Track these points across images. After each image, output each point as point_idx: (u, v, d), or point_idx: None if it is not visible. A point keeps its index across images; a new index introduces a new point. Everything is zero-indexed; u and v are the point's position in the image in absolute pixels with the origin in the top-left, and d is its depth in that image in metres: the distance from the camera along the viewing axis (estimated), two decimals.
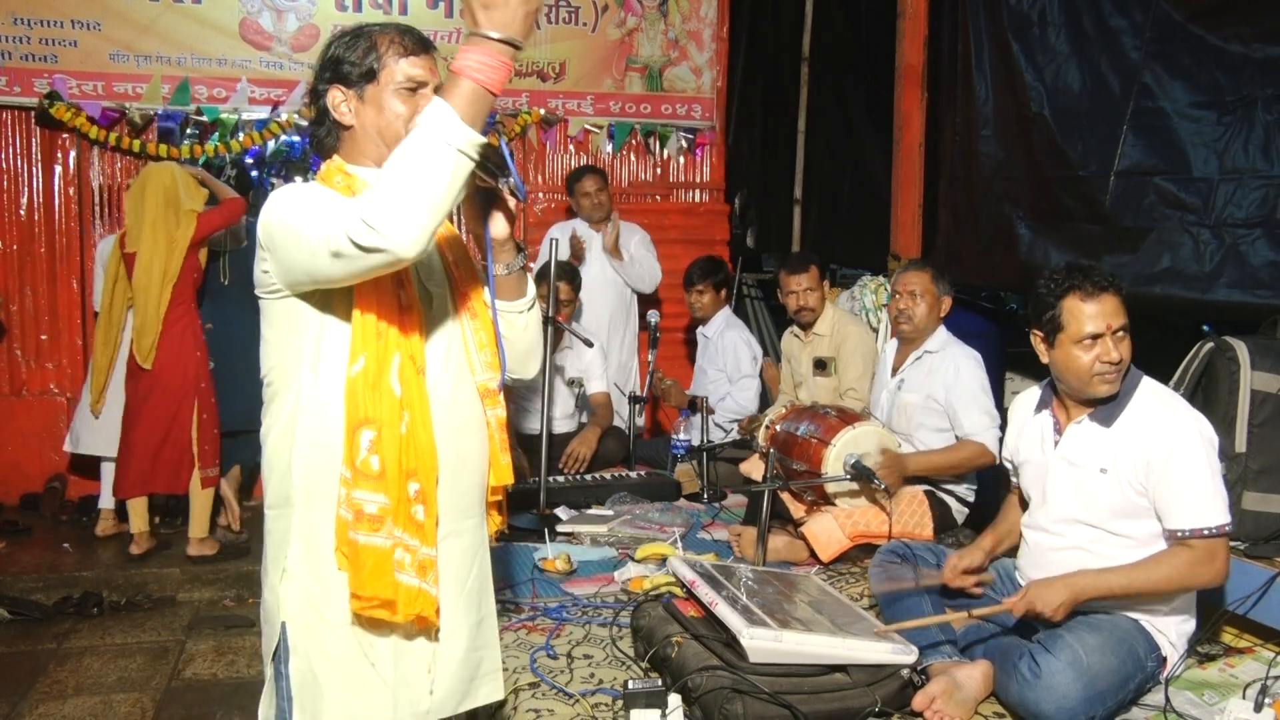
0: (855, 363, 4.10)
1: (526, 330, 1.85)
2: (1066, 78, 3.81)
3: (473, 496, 1.78)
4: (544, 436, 3.47)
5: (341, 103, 1.70)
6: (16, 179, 5.16)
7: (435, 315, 1.73)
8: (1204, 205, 3.25)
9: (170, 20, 5.15)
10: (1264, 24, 3.10)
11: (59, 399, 5.27)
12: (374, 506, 1.59)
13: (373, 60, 1.68)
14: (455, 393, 1.73)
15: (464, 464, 1.74)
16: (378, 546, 1.59)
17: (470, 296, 1.79)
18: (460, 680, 1.75)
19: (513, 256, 1.78)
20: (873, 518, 3.22)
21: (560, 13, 5.62)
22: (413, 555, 1.62)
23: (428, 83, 1.68)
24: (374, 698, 1.65)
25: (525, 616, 2.72)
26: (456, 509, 1.74)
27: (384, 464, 1.60)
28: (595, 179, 4.94)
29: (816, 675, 2.13)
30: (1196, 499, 2.19)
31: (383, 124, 1.68)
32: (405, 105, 1.68)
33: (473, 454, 1.76)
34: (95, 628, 4.02)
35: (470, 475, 1.76)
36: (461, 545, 1.75)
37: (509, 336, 1.82)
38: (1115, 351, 2.23)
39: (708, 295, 4.71)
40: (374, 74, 1.68)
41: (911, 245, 4.67)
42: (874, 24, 5.26)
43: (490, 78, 1.45)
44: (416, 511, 1.63)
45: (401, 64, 1.67)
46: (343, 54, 1.70)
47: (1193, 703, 2.26)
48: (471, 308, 1.79)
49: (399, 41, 1.69)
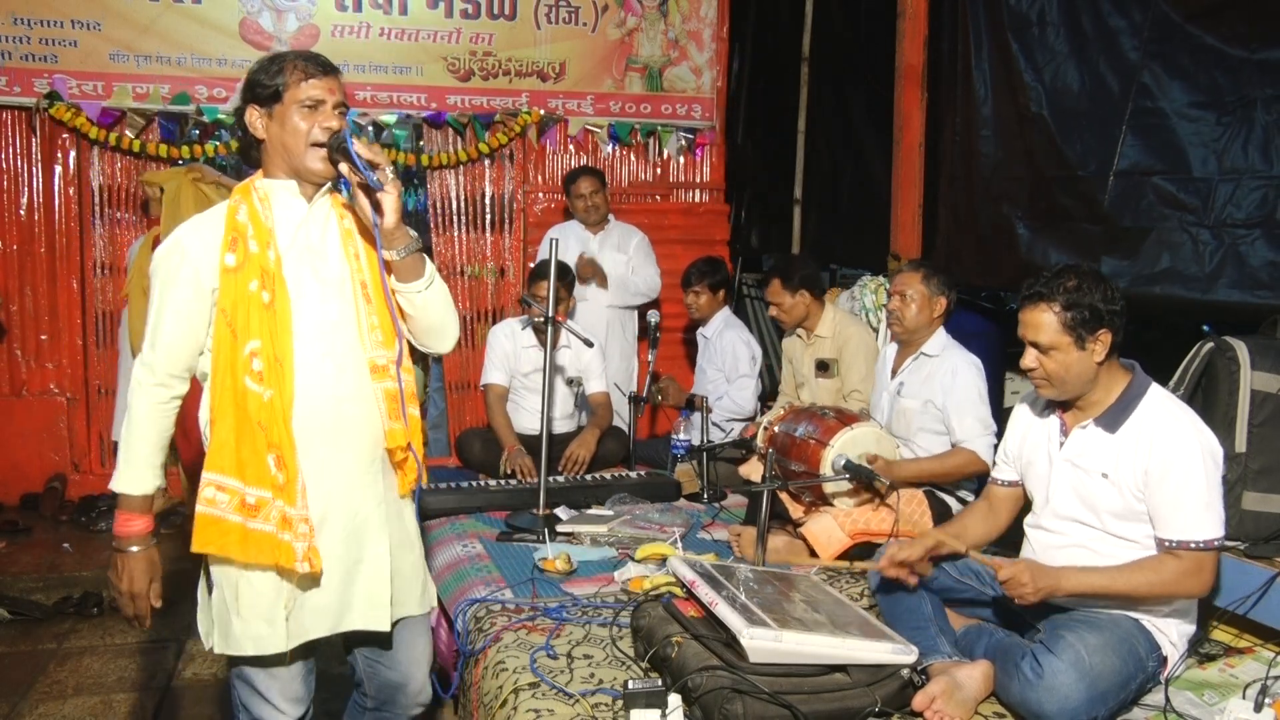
0: (858, 365, 4.10)
1: (426, 309, 2.07)
2: (1065, 78, 3.81)
3: (358, 456, 2.04)
4: (544, 436, 3.47)
5: (256, 119, 2.01)
6: (16, 179, 5.16)
7: (317, 304, 2.00)
8: (1203, 205, 3.24)
9: (170, 20, 5.16)
10: (1263, 24, 3.09)
11: (59, 399, 5.27)
12: (212, 488, 1.95)
13: (279, 82, 1.97)
14: (338, 370, 2.01)
15: (340, 430, 2.01)
16: (212, 515, 1.95)
17: (367, 283, 2.04)
18: (339, 608, 2.05)
19: (405, 242, 1.98)
20: (872, 517, 3.22)
21: (560, 13, 5.62)
22: (292, 511, 1.94)
23: (325, 100, 1.97)
24: (263, 622, 1.99)
25: (525, 616, 2.71)
26: (336, 466, 2.02)
27: (226, 447, 1.94)
28: (591, 180, 4.92)
29: (816, 675, 2.13)
30: (1189, 512, 2.19)
31: (286, 137, 1.98)
32: (305, 121, 1.96)
33: (354, 421, 2.02)
34: (95, 628, 4.02)
35: (350, 439, 2.03)
36: (344, 497, 2.03)
37: (411, 314, 2.07)
38: (1030, 358, 2.33)
39: (704, 296, 4.70)
40: (279, 94, 1.97)
41: (911, 245, 4.66)
42: (874, 24, 5.26)
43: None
44: (278, 477, 1.93)
45: (303, 85, 1.96)
46: (257, 77, 2.00)
47: (1193, 703, 2.26)
48: (368, 292, 2.03)
49: (301, 66, 1.97)
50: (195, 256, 1.96)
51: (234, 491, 1.94)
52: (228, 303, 1.94)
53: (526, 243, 5.66)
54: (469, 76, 5.55)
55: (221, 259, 1.95)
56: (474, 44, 5.52)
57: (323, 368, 2.00)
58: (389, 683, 2.22)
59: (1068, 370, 2.29)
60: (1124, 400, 2.31)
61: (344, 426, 2.02)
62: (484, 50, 5.55)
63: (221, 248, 1.96)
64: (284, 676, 2.05)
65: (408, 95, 5.46)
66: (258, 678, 2.04)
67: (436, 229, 5.64)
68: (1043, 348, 2.29)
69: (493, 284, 5.73)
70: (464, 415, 5.68)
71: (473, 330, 5.68)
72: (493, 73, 5.57)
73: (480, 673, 2.51)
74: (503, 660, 2.43)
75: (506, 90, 5.60)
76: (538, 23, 5.60)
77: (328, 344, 2.01)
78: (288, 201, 2.03)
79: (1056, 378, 2.31)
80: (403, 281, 2.03)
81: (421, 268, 2.04)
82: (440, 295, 2.09)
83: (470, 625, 2.75)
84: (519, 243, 5.71)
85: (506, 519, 3.61)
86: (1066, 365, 2.29)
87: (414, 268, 2.02)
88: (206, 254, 1.96)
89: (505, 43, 5.57)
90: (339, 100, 1.99)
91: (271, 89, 1.97)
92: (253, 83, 2.00)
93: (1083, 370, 2.29)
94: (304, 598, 2.02)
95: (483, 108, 5.56)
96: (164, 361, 1.97)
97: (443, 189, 5.64)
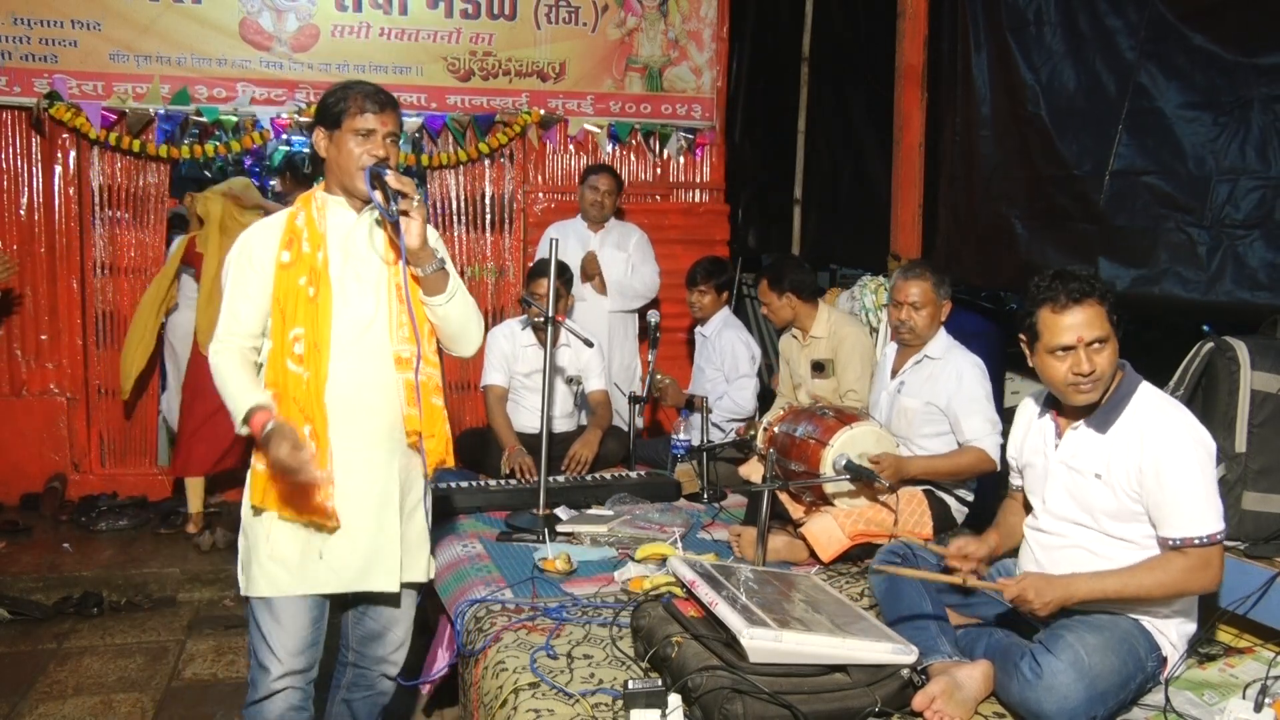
0: (854, 364, 4.11)
1: (445, 321, 2.40)
2: (1062, 77, 3.80)
3: (378, 435, 2.35)
4: (544, 436, 3.47)
5: (320, 139, 2.34)
6: (16, 179, 5.16)
7: (355, 301, 2.33)
8: (1200, 206, 3.23)
9: (170, 20, 5.15)
10: (1260, 25, 3.09)
11: (59, 399, 5.27)
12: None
13: (340, 110, 2.29)
14: (365, 358, 2.33)
15: (365, 410, 2.33)
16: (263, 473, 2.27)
17: (400, 288, 2.34)
18: (354, 568, 2.34)
19: (428, 262, 2.30)
20: (872, 517, 3.22)
21: (560, 13, 5.62)
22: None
23: (377, 131, 2.28)
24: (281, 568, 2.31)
25: (525, 616, 2.71)
26: (360, 441, 2.33)
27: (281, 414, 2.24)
28: (609, 179, 4.93)
29: (816, 675, 2.13)
30: (1188, 508, 2.18)
31: (341, 159, 2.30)
32: (357, 147, 2.28)
33: (375, 403, 2.34)
34: (95, 628, 4.03)
35: (373, 419, 2.34)
36: (365, 469, 2.34)
37: (434, 323, 2.41)
38: (1087, 363, 2.22)
39: (709, 296, 4.72)
40: (339, 121, 2.29)
41: (911, 245, 4.66)
42: (874, 24, 5.25)
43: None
44: (311, 445, 2.21)
45: (359, 117, 2.27)
46: (325, 102, 2.33)
47: (1193, 703, 2.26)
48: (400, 295, 2.34)
49: (360, 99, 2.29)
50: (260, 254, 2.33)
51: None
52: (280, 293, 2.30)
53: (526, 243, 5.66)
54: (469, 76, 5.55)
55: (278, 256, 2.32)
56: (474, 44, 5.52)
57: (354, 356, 2.32)
58: (370, 632, 2.51)
59: (1111, 366, 2.25)
60: (1114, 400, 2.30)
61: (370, 408, 2.34)
62: (484, 50, 5.55)
63: (279, 246, 2.33)
64: (289, 627, 2.32)
65: (408, 95, 5.45)
66: (265, 621, 2.32)
67: (436, 229, 5.64)
68: (1100, 342, 2.22)
69: (493, 284, 5.73)
70: (464, 415, 5.68)
71: None
72: (493, 73, 5.57)
73: (480, 673, 2.51)
74: (503, 660, 2.44)
75: (506, 90, 5.60)
76: (538, 23, 5.59)
77: (360, 336, 2.33)
78: (339, 212, 2.37)
79: (1105, 376, 2.25)
80: (427, 295, 2.35)
81: (443, 285, 2.34)
82: (459, 309, 2.40)
83: (470, 625, 2.75)
84: (519, 243, 5.71)
85: (506, 519, 3.61)
86: (1112, 360, 2.25)
87: (436, 284, 2.33)
88: (267, 251, 2.33)
89: (505, 43, 5.56)
90: (390, 131, 2.30)
91: (334, 115, 2.29)
92: (322, 107, 2.34)
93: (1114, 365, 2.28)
94: (324, 553, 2.31)
95: (483, 108, 5.56)
96: (242, 331, 2.33)
97: (443, 189, 5.64)
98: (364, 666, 2.55)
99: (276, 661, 2.31)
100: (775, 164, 6.45)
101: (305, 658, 2.35)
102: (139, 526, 4.91)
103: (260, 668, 2.33)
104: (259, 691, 2.33)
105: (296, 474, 2.16)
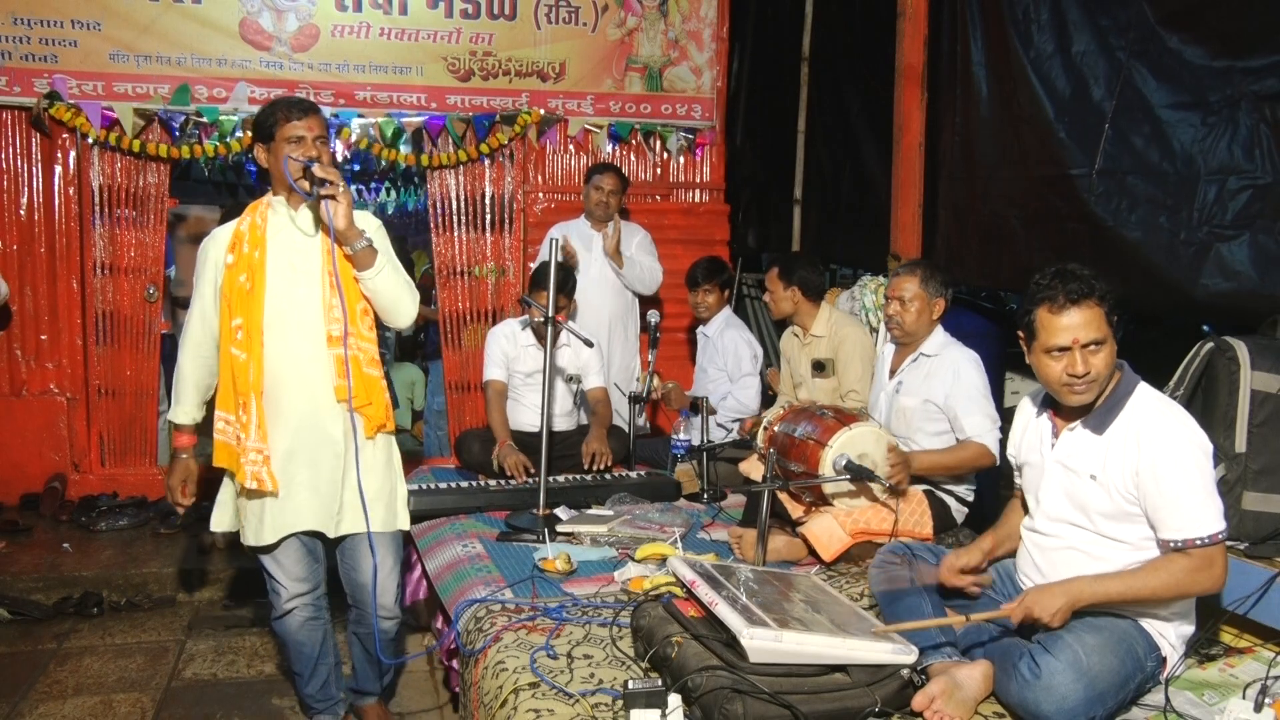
0: (855, 364, 4.11)
1: (376, 294, 2.72)
2: (1053, 77, 3.80)
3: (318, 402, 2.72)
4: (544, 436, 3.47)
5: (260, 153, 2.74)
6: (16, 179, 5.16)
7: (289, 289, 2.69)
8: (1188, 205, 3.23)
9: (170, 20, 5.15)
10: (1247, 25, 3.08)
11: (59, 399, 5.27)
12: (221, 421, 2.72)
13: (272, 124, 2.67)
14: (301, 338, 2.69)
15: (302, 382, 2.70)
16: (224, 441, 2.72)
17: (331, 274, 2.67)
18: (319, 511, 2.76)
19: (356, 239, 2.63)
20: (873, 516, 3.22)
21: (560, 13, 5.62)
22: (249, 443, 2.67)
23: (305, 136, 2.64)
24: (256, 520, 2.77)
25: (525, 616, 2.71)
26: (305, 407, 2.71)
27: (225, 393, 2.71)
28: (615, 179, 4.93)
29: (816, 675, 2.13)
30: (1188, 509, 2.17)
31: (276, 165, 2.68)
32: (293, 152, 2.62)
33: (312, 375, 2.71)
34: (95, 628, 4.03)
35: (311, 389, 2.71)
36: (312, 431, 2.72)
37: (369, 295, 2.73)
38: (1082, 365, 2.21)
39: (713, 295, 4.73)
40: (273, 133, 2.67)
41: (911, 245, 4.66)
42: (874, 24, 5.25)
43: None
44: (251, 419, 2.65)
45: (287, 125, 2.65)
46: (258, 120, 2.73)
47: (1193, 703, 2.26)
48: (334, 280, 2.67)
49: (285, 111, 2.66)
50: (213, 258, 2.75)
51: (229, 423, 2.70)
52: (225, 290, 2.69)
53: (526, 243, 5.65)
54: (469, 76, 5.54)
55: (224, 257, 2.71)
56: (474, 44, 5.52)
57: (291, 337, 2.70)
58: (356, 583, 2.91)
59: (1107, 367, 2.24)
60: (1111, 401, 2.30)
61: (307, 379, 2.71)
62: (484, 50, 5.54)
63: (225, 250, 2.71)
64: (284, 561, 2.83)
65: (408, 95, 5.45)
66: (266, 559, 2.84)
67: (436, 229, 5.63)
68: (1097, 344, 2.21)
69: (493, 284, 5.73)
70: (464, 415, 5.68)
71: (473, 330, 5.67)
72: (493, 73, 5.57)
73: (480, 673, 2.51)
74: (503, 660, 2.44)
75: (506, 90, 5.60)
76: (538, 23, 5.59)
77: (296, 318, 2.70)
78: (281, 211, 2.75)
79: (1101, 377, 2.24)
80: (358, 270, 2.68)
81: (371, 260, 2.67)
82: (388, 281, 2.71)
83: (470, 625, 2.76)
84: (519, 243, 5.71)
85: (506, 519, 3.61)
86: (1108, 362, 2.24)
87: (365, 259, 2.67)
88: (219, 255, 2.73)
89: (505, 43, 5.56)
90: (317, 134, 2.66)
91: (268, 129, 2.67)
92: (257, 125, 2.72)
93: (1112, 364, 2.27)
94: (280, 503, 2.73)
95: (483, 108, 5.56)
96: (201, 332, 2.76)
97: (443, 189, 5.63)
98: (361, 606, 2.93)
99: (283, 587, 2.84)
100: (775, 164, 6.45)
101: (306, 582, 2.87)
102: (139, 526, 4.90)
103: (274, 592, 2.87)
104: (278, 610, 2.88)
105: (170, 494, 2.84)
